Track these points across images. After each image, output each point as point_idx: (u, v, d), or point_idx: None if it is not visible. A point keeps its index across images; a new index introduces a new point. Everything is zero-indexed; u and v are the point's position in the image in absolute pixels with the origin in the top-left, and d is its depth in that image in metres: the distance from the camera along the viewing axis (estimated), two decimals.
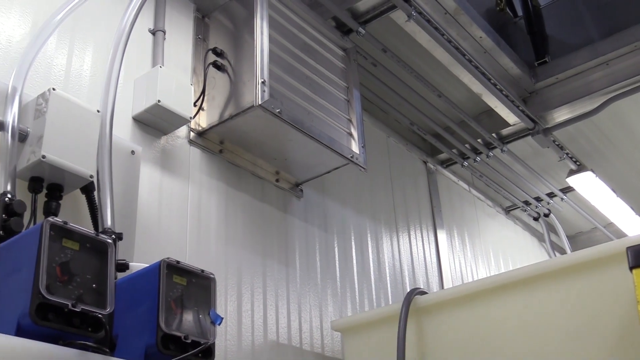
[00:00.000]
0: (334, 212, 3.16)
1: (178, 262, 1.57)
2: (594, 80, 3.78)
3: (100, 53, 2.35)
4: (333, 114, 2.80)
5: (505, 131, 4.10)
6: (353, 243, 3.20)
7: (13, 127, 1.77)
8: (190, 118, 2.43)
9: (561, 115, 3.97)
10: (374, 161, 3.47)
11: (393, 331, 2.41)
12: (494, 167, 4.34)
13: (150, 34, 2.56)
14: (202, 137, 2.60)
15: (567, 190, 4.81)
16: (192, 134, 2.57)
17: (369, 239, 3.32)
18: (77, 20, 2.31)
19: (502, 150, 4.16)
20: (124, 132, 2.30)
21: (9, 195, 1.65)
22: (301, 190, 2.98)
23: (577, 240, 5.44)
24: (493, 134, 4.07)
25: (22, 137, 1.80)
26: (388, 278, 3.34)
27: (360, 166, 2.85)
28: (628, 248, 1.73)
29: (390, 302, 3.25)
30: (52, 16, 2.02)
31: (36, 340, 1.25)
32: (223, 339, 2.35)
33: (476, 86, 3.60)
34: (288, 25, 2.76)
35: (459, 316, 2.34)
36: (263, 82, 2.48)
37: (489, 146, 4.14)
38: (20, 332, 1.28)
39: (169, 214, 2.34)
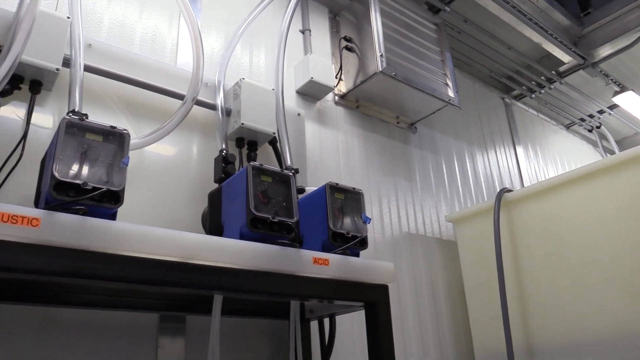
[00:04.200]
0: (440, 141, 3.08)
1: (337, 184, 1.58)
2: (630, 20, 3.42)
3: (269, 50, 2.39)
4: (432, 71, 2.69)
5: (561, 68, 3.82)
6: (455, 161, 3.11)
7: (221, 106, 1.85)
8: (334, 87, 2.42)
9: (605, 50, 3.62)
10: (465, 101, 3.35)
11: (489, 219, 2.35)
12: (555, 95, 4.07)
13: (300, 32, 2.56)
14: (343, 99, 2.59)
15: (613, 107, 4.43)
16: (336, 97, 2.57)
17: (466, 157, 3.21)
18: (252, 30, 2.35)
19: (560, 83, 3.88)
20: (291, 101, 2.34)
21: (225, 151, 1.73)
22: (415, 128, 2.92)
23: (624, 143, 5.01)
24: (552, 72, 3.81)
25: (227, 112, 1.87)
26: (482, 183, 3.23)
27: (456, 106, 2.74)
28: None
29: (486, 200, 3.15)
30: (236, 30, 2.06)
31: (252, 241, 1.30)
32: (372, 233, 2.38)
33: (536, 37, 3.36)
34: (393, 12, 2.66)
35: (536, 206, 2.25)
36: (381, 55, 2.43)
37: (550, 81, 3.87)
38: (242, 237, 1.33)
39: (326, 153, 2.37)
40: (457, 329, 2.53)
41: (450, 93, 2.72)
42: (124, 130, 1.22)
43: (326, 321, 1.82)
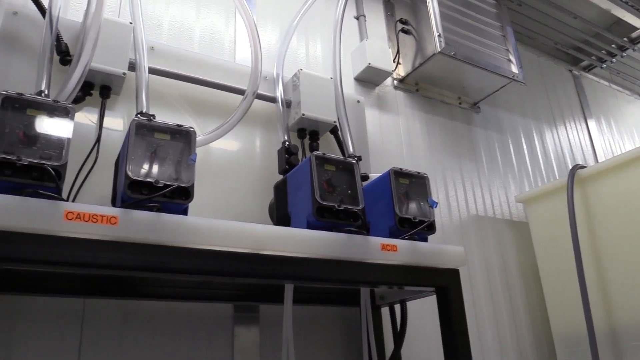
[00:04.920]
0: (505, 119, 2.98)
1: (401, 169, 1.56)
2: None
3: (325, 39, 2.38)
4: (494, 47, 2.60)
5: (634, 34, 3.59)
6: (522, 138, 3.00)
7: (281, 98, 1.87)
8: (392, 71, 2.39)
9: None
10: (530, 77, 3.22)
11: (563, 198, 2.25)
12: (629, 64, 3.83)
13: (355, 19, 2.54)
14: (402, 83, 2.55)
15: None
16: (395, 82, 2.54)
17: (534, 134, 3.09)
18: (307, 21, 2.35)
19: (633, 50, 3.65)
20: (350, 89, 2.33)
21: (287, 143, 1.75)
22: (479, 107, 2.84)
23: None
24: (624, 39, 3.58)
25: (288, 104, 1.88)
26: (553, 161, 3.10)
27: (521, 82, 2.63)
28: None
29: (557, 178, 3.03)
30: (291, 22, 2.07)
31: (319, 230, 1.31)
32: (439, 217, 2.34)
33: (604, 3, 3.17)
34: None
35: (612, 182, 2.14)
36: (439, 35, 2.37)
37: (622, 49, 3.65)
38: (309, 226, 1.35)
39: (388, 138, 2.35)
40: (533, 312, 2.46)
41: (514, 69, 2.62)
42: (190, 128, 1.26)
43: (397, 307, 1.81)
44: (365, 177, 1.78)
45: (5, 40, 1.54)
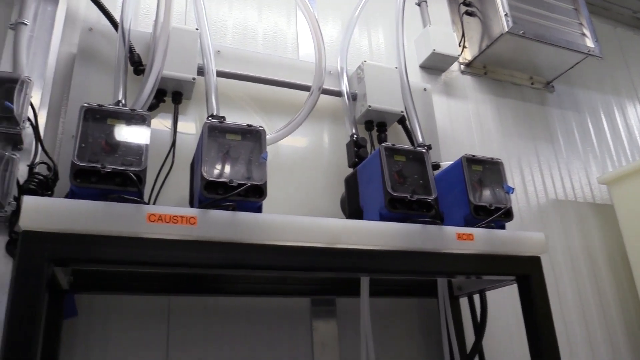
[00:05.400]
0: (582, 97, 2.82)
1: (473, 155, 1.52)
2: None
3: (387, 29, 2.36)
4: (566, 22, 2.47)
5: None
6: (602, 116, 2.84)
7: (347, 92, 1.86)
8: (458, 56, 2.32)
9: None
10: (607, 50, 3.01)
11: None
12: None
13: (416, 5, 2.49)
14: (469, 67, 2.48)
15: None
16: (461, 66, 2.47)
17: (615, 111, 2.91)
18: (368, 12, 2.33)
19: None
20: (415, 77, 2.29)
21: (355, 136, 1.74)
22: (552, 87, 2.71)
23: None
24: None
25: (353, 97, 1.88)
26: (638, 138, 2.91)
27: (597, 56, 2.49)
28: None
29: None
30: (351, 14, 2.06)
31: (392, 222, 1.30)
32: (516, 203, 2.26)
33: None
34: None
35: None
36: (506, 15, 2.28)
37: None
38: (382, 218, 1.34)
39: (457, 125, 2.29)
40: (624, 300, 2.32)
41: (589, 43, 2.48)
42: (260, 127, 1.28)
43: (476, 297, 1.77)
44: (436, 166, 1.75)
45: (83, 56, 1.63)
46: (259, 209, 1.21)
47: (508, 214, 1.47)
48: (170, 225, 1.07)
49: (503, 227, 1.48)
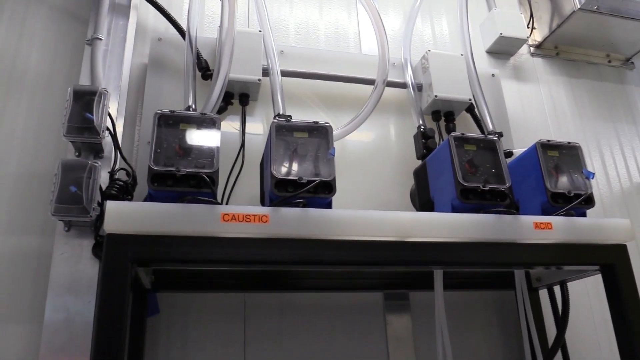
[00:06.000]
0: None
1: (548, 140, 1.46)
2: None
3: (450, 16, 2.30)
4: None
5: None
6: None
7: (412, 83, 1.83)
8: (527, 38, 2.23)
9: None
10: None
11: None
12: None
13: None
14: (539, 49, 2.37)
15: None
16: (531, 49, 2.36)
17: None
18: (429, 0, 2.29)
19: None
20: (482, 63, 2.22)
21: (423, 127, 1.71)
22: (632, 63, 2.54)
23: None
24: None
25: (419, 87, 1.85)
26: None
27: None
28: None
29: None
30: (412, 4, 2.03)
31: (465, 213, 1.27)
32: (597, 189, 2.15)
33: None
34: None
35: None
36: None
37: None
38: (454, 210, 1.31)
39: (529, 110, 2.20)
40: None
41: None
42: (326, 123, 1.29)
43: (556, 289, 1.70)
44: (509, 154, 1.69)
45: (154, 65, 1.70)
46: (328, 205, 1.21)
47: (589, 201, 1.40)
48: (243, 224, 1.09)
49: (584, 215, 1.42)
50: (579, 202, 1.38)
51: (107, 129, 1.41)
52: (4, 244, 1.45)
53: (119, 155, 1.45)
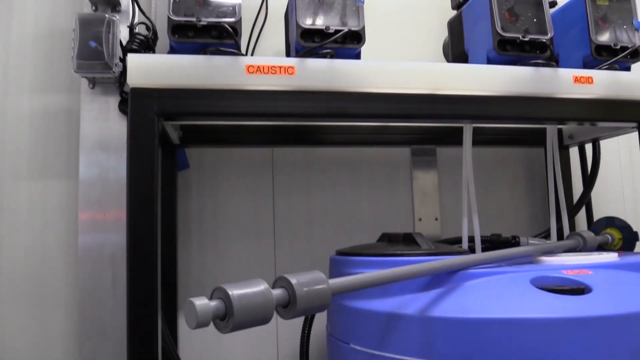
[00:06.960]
0: None
1: None
2: None
3: None
4: None
5: None
6: None
7: None
8: None
9: None
10: None
11: None
12: None
13: None
14: None
15: None
16: None
17: None
18: None
19: None
20: None
21: None
22: None
23: None
24: None
25: None
26: None
27: None
28: None
29: None
30: None
31: (501, 65, 1.20)
32: None
33: None
34: None
35: None
36: None
37: None
38: (489, 62, 1.24)
39: None
40: None
41: None
42: None
43: (588, 147, 1.66)
44: (553, 3, 1.55)
45: None
46: (357, 56, 1.15)
47: (635, 54, 1.31)
48: (268, 76, 1.05)
49: (628, 69, 1.33)
50: (624, 55, 1.28)
51: None
52: (31, 102, 1.45)
53: (136, 8, 1.37)
